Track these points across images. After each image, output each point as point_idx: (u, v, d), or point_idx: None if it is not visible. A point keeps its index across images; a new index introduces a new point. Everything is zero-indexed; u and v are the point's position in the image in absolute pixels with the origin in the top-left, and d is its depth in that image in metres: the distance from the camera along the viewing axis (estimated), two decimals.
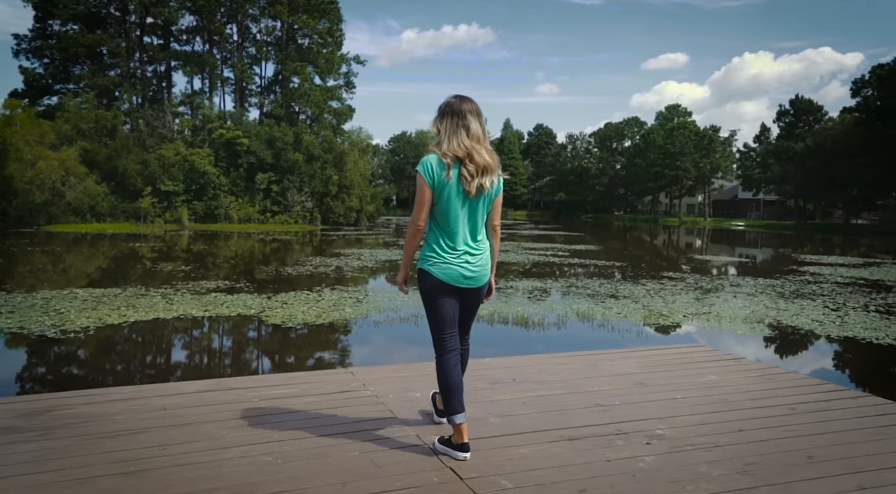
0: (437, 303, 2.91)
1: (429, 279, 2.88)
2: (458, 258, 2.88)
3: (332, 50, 50.33)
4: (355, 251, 21.95)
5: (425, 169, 2.86)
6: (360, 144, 50.61)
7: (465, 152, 2.84)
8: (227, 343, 8.30)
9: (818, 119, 65.93)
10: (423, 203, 2.84)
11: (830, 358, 7.92)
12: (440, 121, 2.95)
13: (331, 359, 7.16)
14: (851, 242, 39.46)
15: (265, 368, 6.82)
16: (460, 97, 3.00)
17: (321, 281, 13.84)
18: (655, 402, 3.54)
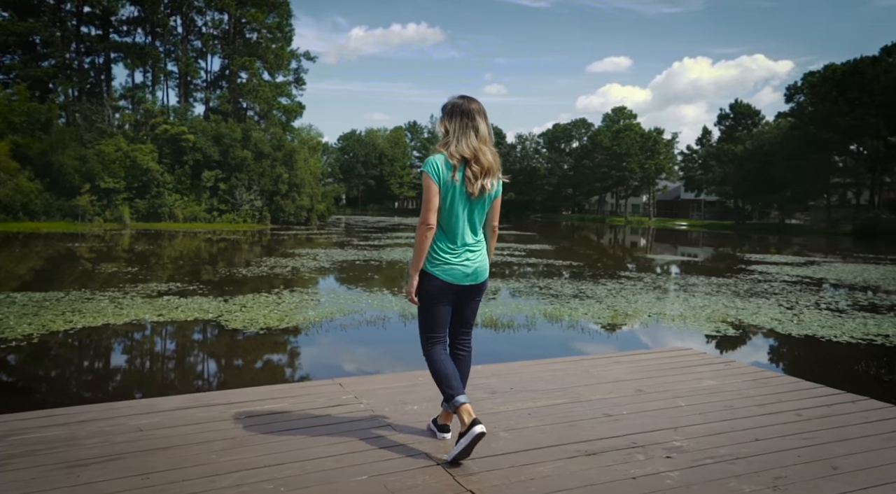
0: (435, 305, 2.94)
1: (432, 281, 2.89)
2: (459, 257, 2.90)
3: (281, 45, 49.32)
4: (309, 251, 21.46)
5: (433, 169, 2.84)
6: (310, 142, 49.74)
7: (472, 153, 2.86)
8: (190, 351, 7.85)
9: (756, 123, 68.55)
10: (431, 202, 2.82)
11: (803, 358, 8.06)
12: (448, 121, 2.93)
13: (308, 368, 6.81)
14: (786, 241, 41.12)
15: (239, 379, 6.42)
16: (467, 98, 3.00)
17: (278, 282, 13.40)
18: (662, 411, 3.44)
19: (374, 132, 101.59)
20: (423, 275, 2.91)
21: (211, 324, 8.75)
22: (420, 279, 2.91)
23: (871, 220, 50.38)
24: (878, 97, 53.29)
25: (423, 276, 2.91)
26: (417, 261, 2.90)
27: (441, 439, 3.03)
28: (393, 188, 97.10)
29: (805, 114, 59.41)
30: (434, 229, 2.86)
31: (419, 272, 2.91)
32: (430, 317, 2.97)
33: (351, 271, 16.00)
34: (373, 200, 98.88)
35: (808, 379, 4.25)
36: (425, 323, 2.99)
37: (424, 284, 2.91)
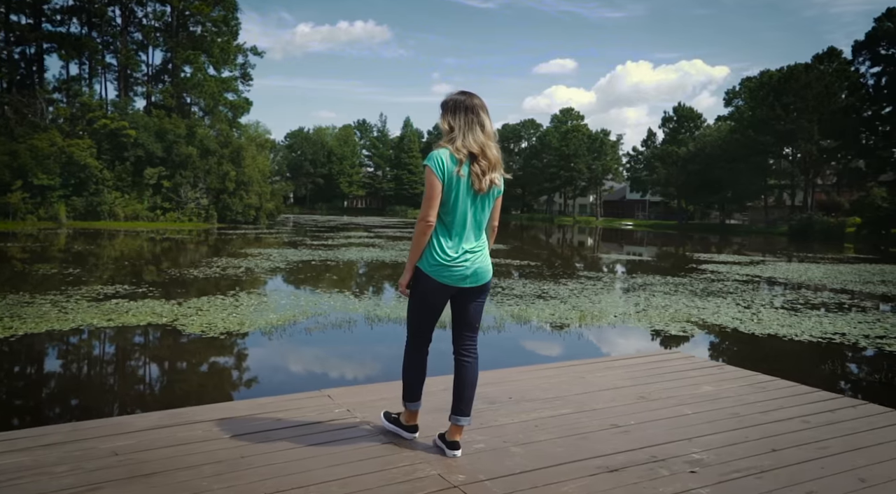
0: (429, 305, 2.91)
1: (429, 282, 2.84)
2: (459, 258, 2.84)
3: (227, 39, 47.93)
4: (262, 251, 20.84)
5: (436, 163, 2.78)
6: (258, 139, 48.52)
7: (479, 148, 2.82)
8: (148, 359, 7.36)
9: (698, 126, 70.71)
10: (433, 198, 2.77)
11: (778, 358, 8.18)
12: (452, 117, 2.88)
13: (284, 376, 6.43)
14: (727, 241, 42.55)
15: (210, 390, 6.00)
16: (468, 93, 2.95)
17: (233, 284, 12.90)
18: (669, 420, 3.34)
19: (323, 130, 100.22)
20: (419, 274, 2.86)
21: (167, 329, 8.28)
22: (416, 278, 2.88)
23: (805, 221, 52.58)
24: (811, 102, 55.71)
25: (419, 275, 2.87)
26: (413, 257, 2.86)
27: (452, 457, 2.84)
28: (342, 187, 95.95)
29: (744, 118, 61.62)
30: (433, 226, 2.80)
31: (416, 269, 2.87)
32: (417, 316, 2.95)
33: (308, 272, 15.58)
34: (321, 199, 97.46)
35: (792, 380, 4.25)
36: (412, 321, 2.99)
37: (419, 283, 2.88)
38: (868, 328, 9.55)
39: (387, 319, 9.29)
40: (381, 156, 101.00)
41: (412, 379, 3.03)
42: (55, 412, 5.24)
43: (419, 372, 3.04)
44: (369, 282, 14.41)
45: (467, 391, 2.94)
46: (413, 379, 3.03)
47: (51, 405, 5.60)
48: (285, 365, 6.92)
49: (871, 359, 7.76)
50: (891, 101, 49.67)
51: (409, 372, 3.03)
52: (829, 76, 57.22)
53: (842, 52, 60.79)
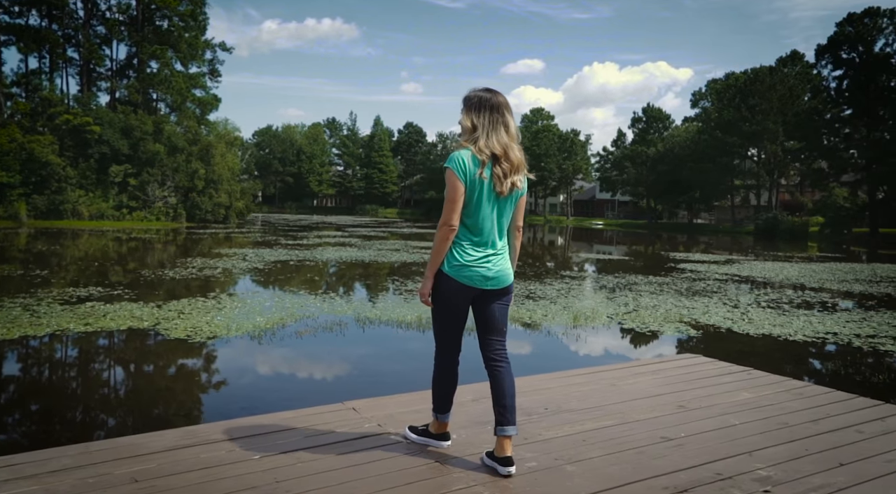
0: (452, 308, 2.79)
1: (450, 283, 2.74)
2: (480, 260, 2.75)
3: (195, 34, 46.87)
4: (236, 251, 20.32)
5: (458, 165, 2.67)
6: (227, 136, 47.56)
7: (502, 150, 2.71)
8: (137, 367, 6.92)
9: (666, 126, 71.66)
10: (455, 201, 2.66)
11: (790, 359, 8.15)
12: (476, 115, 2.74)
13: (295, 385, 6.08)
14: (697, 240, 43.19)
15: (215, 402, 5.60)
16: (492, 91, 2.81)
17: (211, 285, 12.48)
18: (720, 432, 3.18)
19: (292, 128, 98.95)
20: (440, 276, 2.76)
21: (150, 334, 7.89)
22: (437, 280, 2.77)
23: (771, 221, 53.67)
24: (776, 104, 56.93)
25: (440, 277, 2.76)
26: (435, 263, 2.75)
27: (506, 474, 2.63)
28: (312, 186, 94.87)
29: (711, 120, 62.63)
30: (456, 230, 2.70)
31: (438, 272, 2.76)
32: (443, 321, 2.83)
33: (287, 272, 15.19)
34: (290, 198, 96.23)
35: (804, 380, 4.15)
36: (439, 328, 2.87)
37: (440, 285, 2.76)
38: (857, 327, 9.63)
39: (377, 321, 9.04)
40: (351, 155, 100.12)
41: (444, 389, 2.91)
42: (53, 431, 4.83)
43: (451, 382, 2.92)
44: (353, 283, 14.10)
45: (508, 399, 2.79)
46: (445, 389, 2.91)
47: (45, 422, 5.19)
48: (291, 373, 6.59)
49: (879, 360, 7.78)
50: (851, 104, 50.95)
51: (441, 382, 2.91)
52: (792, 79, 58.56)
53: (804, 55, 62.34)
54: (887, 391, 6.16)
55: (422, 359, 7.22)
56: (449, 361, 2.90)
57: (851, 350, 8.14)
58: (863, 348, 8.22)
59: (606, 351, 7.99)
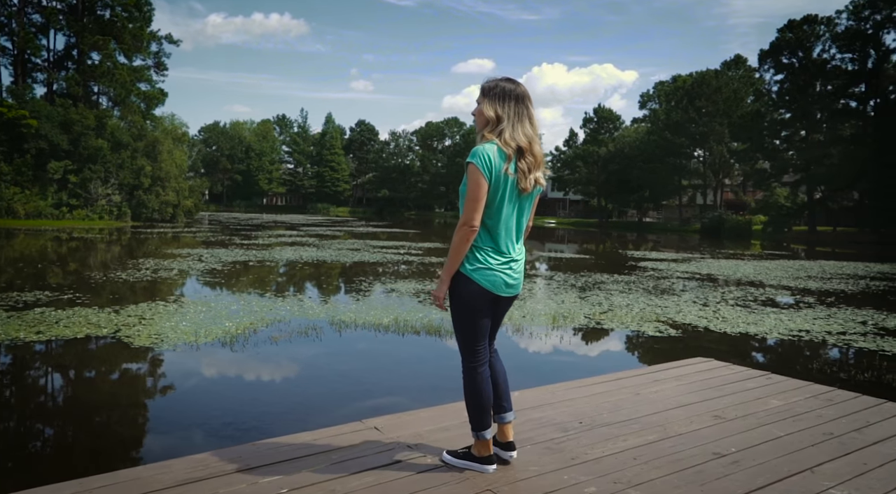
0: (476, 313, 2.60)
1: (471, 286, 2.56)
2: (503, 264, 2.59)
3: (139, 25, 44.99)
4: (190, 251, 19.50)
5: (483, 160, 2.48)
6: (174, 132, 45.88)
7: (527, 143, 2.57)
8: (107, 381, 6.34)
9: (617, 127, 73.02)
10: (479, 200, 2.47)
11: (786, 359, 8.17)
12: (500, 105, 2.59)
13: (297, 399, 5.59)
14: (645, 238, 44.12)
15: (209, 421, 5.03)
16: (513, 80, 2.65)
17: (170, 288, 11.86)
18: (769, 445, 3.02)
19: (240, 124, 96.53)
20: (460, 279, 2.57)
21: (111, 343, 7.34)
22: (455, 283, 2.58)
23: (716, 220, 55.27)
24: (721, 106, 58.67)
25: (460, 280, 2.57)
26: (452, 265, 2.56)
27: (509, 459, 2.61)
28: (261, 184, 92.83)
29: (660, 121, 64.10)
30: (477, 231, 2.51)
31: (459, 276, 2.57)
32: (470, 329, 2.62)
33: (249, 274, 14.61)
34: (239, 196, 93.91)
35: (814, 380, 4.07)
36: (466, 337, 2.64)
37: (460, 289, 2.57)
38: (825, 324, 9.80)
39: (353, 325, 8.69)
40: (301, 153, 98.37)
41: (480, 403, 2.66)
42: (33, 462, 4.31)
43: (487, 394, 2.68)
44: (319, 284, 13.65)
45: (501, 385, 2.77)
46: (481, 403, 2.67)
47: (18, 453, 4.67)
48: (279, 383, 6.14)
49: (869, 358, 7.88)
50: (791, 107, 52.91)
51: (476, 396, 2.66)
52: (736, 82, 60.47)
53: (747, 59, 64.48)
54: None
55: (415, 365, 6.92)
56: (480, 372, 2.67)
57: (833, 347, 8.24)
58: (844, 346, 8.33)
59: (604, 354, 7.88)
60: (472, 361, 2.65)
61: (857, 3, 49.08)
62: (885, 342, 8.59)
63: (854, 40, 49.29)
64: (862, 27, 48.64)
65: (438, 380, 6.35)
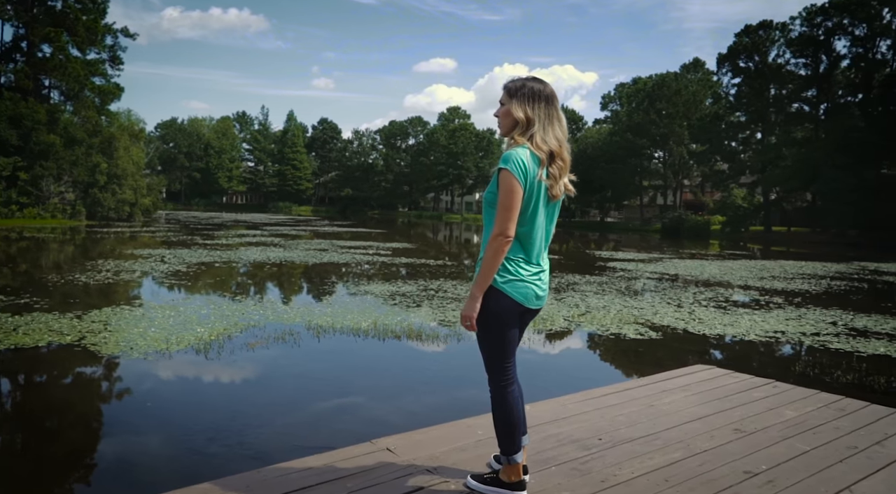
0: (507, 329, 2.45)
1: (503, 300, 2.41)
2: (534, 275, 2.47)
3: (93, 17, 43.41)
4: (151, 252, 18.83)
5: (517, 165, 2.35)
6: (130, 129, 44.47)
7: (558, 147, 2.46)
8: (78, 395, 5.91)
9: (580, 128, 73.84)
10: (514, 208, 2.34)
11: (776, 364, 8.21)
12: (530, 106, 2.45)
13: (271, 413, 5.26)
14: (608, 238, 44.71)
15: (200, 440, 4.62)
16: (540, 80, 2.53)
17: (133, 291, 11.39)
18: (798, 461, 2.94)
19: (199, 121, 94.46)
20: (490, 293, 2.41)
21: (76, 351, 6.93)
22: (491, 297, 2.41)
23: (676, 220, 56.40)
24: (681, 109, 59.85)
25: (490, 294, 2.40)
26: (485, 280, 2.39)
27: None
28: (221, 182, 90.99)
29: (622, 122, 65.07)
30: (511, 242, 2.38)
31: (490, 289, 2.41)
32: (500, 346, 2.47)
33: (215, 275, 14.16)
34: (198, 195, 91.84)
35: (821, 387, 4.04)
36: (496, 354, 2.49)
37: (490, 305, 2.40)
38: (798, 325, 9.95)
39: (332, 330, 8.43)
40: (263, 151, 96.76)
41: (512, 424, 2.51)
42: None
43: (518, 415, 2.53)
44: (290, 287, 13.30)
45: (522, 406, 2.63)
46: (513, 424, 2.52)
47: None
48: (267, 395, 5.80)
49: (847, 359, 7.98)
50: (748, 110, 54.28)
51: (507, 417, 2.51)
52: (695, 85, 61.76)
53: (705, 63, 65.93)
54: None
55: (403, 373, 6.68)
56: (510, 391, 2.53)
57: (814, 349, 8.33)
58: (825, 347, 8.44)
59: (593, 359, 7.79)
60: (503, 380, 2.50)
61: (810, 9, 50.62)
62: (858, 342, 8.74)
63: (807, 46, 50.81)
64: (814, 33, 50.17)
65: (430, 388, 6.17)
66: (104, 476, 4.07)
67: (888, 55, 47.55)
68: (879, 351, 8.24)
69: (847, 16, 47.19)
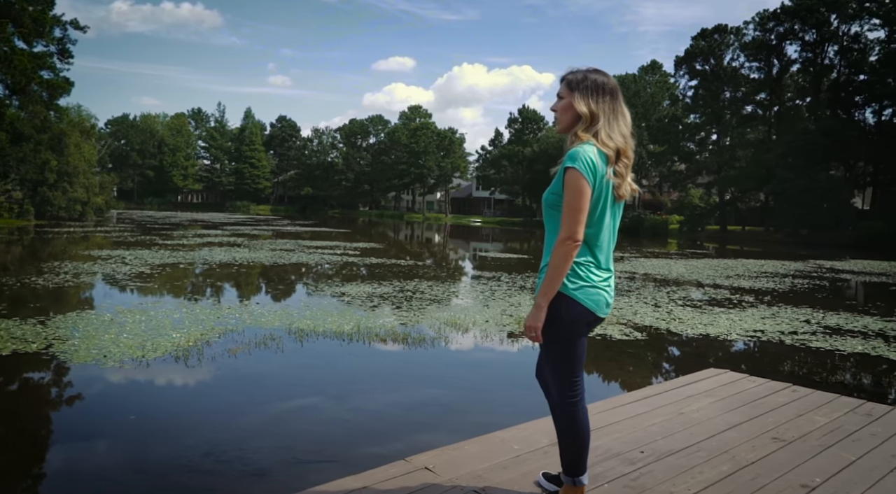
0: (577, 339, 2.29)
1: (574, 308, 2.24)
2: (605, 280, 2.33)
3: (41, 8, 41.59)
4: (110, 253, 18.07)
5: (586, 164, 2.19)
6: (81, 125, 42.81)
7: (624, 144, 2.30)
8: (58, 410, 5.49)
9: (541, 127, 74.43)
10: (583, 210, 2.19)
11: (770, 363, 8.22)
12: (594, 100, 2.30)
13: (266, 424, 4.96)
14: None
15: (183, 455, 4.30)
16: (602, 72, 2.37)
17: (97, 294, 10.86)
18: (850, 472, 2.86)
19: (152, 117, 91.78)
20: (560, 301, 2.23)
21: (44, 359, 6.50)
22: (561, 305, 2.24)
23: (636, 219, 57.30)
24: (640, 110, 60.84)
25: (560, 302, 2.23)
26: (552, 288, 2.22)
27: None
28: (176, 180, 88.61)
29: None
30: (580, 246, 2.23)
31: (560, 297, 2.24)
32: (570, 358, 2.30)
33: (182, 277, 13.64)
34: (151, 193, 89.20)
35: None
36: (565, 367, 2.31)
37: (560, 313, 2.23)
38: (775, 324, 10.09)
39: (314, 333, 8.14)
40: (219, 148, 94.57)
41: (581, 444, 2.36)
42: None
43: (588, 433, 2.38)
44: (262, 289, 12.89)
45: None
46: (583, 444, 2.37)
47: None
48: (257, 404, 5.47)
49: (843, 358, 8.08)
50: (704, 112, 55.55)
51: (578, 435, 2.35)
52: (653, 86, 62.94)
53: (662, 65, 67.20)
54: None
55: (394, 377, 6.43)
56: (582, 404, 2.38)
57: (796, 349, 8.42)
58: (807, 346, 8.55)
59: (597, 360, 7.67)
60: (573, 396, 2.34)
61: (763, 15, 52.09)
62: (835, 341, 8.90)
63: (760, 50, 52.31)
64: (767, 38, 51.67)
65: (425, 393, 5.97)
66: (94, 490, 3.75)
67: (836, 60, 49.32)
68: (858, 349, 8.39)
69: (798, 21, 48.75)
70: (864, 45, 47.83)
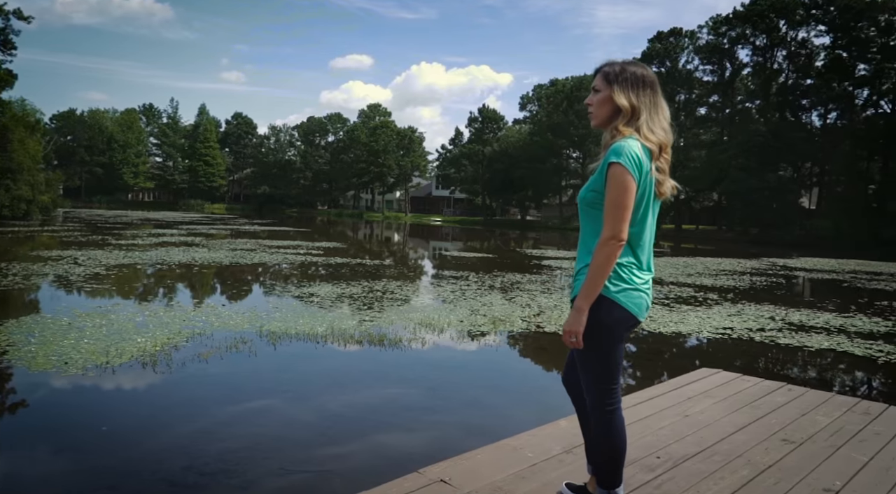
0: (617, 344, 2.20)
1: (616, 312, 2.14)
2: (646, 283, 2.24)
3: None
4: (61, 253, 17.27)
5: (631, 159, 2.08)
6: (25, 120, 41.01)
7: (665, 138, 2.21)
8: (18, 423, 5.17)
9: (500, 127, 74.81)
10: (628, 207, 2.09)
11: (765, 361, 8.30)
12: (634, 94, 2.17)
13: (246, 432, 4.65)
14: (528, 236, 45.60)
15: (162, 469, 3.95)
16: (640, 64, 2.29)
17: (51, 297, 10.34)
18: (866, 474, 2.85)
19: (101, 113, 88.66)
20: (601, 304, 2.12)
21: (8, 366, 6.09)
22: (602, 309, 2.13)
23: None
24: None
25: (601, 306, 2.12)
26: (594, 290, 2.11)
27: None
28: (126, 178, 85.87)
29: (542, 123, 66.47)
30: (624, 245, 2.12)
31: (602, 299, 2.13)
32: (609, 364, 2.20)
33: (141, 278, 13.12)
34: (100, 191, 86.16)
35: None
36: (604, 374, 2.21)
37: (602, 317, 2.13)
38: (742, 321, 10.27)
39: (286, 336, 7.89)
40: (172, 146, 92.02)
41: (620, 452, 2.27)
42: None
43: (625, 441, 2.30)
44: (228, 290, 12.49)
45: None
46: (620, 454, 2.28)
47: None
48: (235, 412, 5.23)
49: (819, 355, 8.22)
50: None
51: (616, 444, 2.25)
52: None
53: None
54: None
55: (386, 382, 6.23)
56: (620, 411, 2.28)
57: (767, 346, 8.56)
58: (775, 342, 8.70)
59: None
60: (610, 404, 2.24)
61: (716, 19, 53.48)
62: (801, 337, 9.10)
63: (713, 53, 53.70)
64: (720, 42, 53.09)
65: (410, 397, 5.82)
66: None
67: (784, 65, 50.99)
68: (824, 345, 8.58)
69: (749, 26, 50.19)
70: (811, 50, 49.61)
